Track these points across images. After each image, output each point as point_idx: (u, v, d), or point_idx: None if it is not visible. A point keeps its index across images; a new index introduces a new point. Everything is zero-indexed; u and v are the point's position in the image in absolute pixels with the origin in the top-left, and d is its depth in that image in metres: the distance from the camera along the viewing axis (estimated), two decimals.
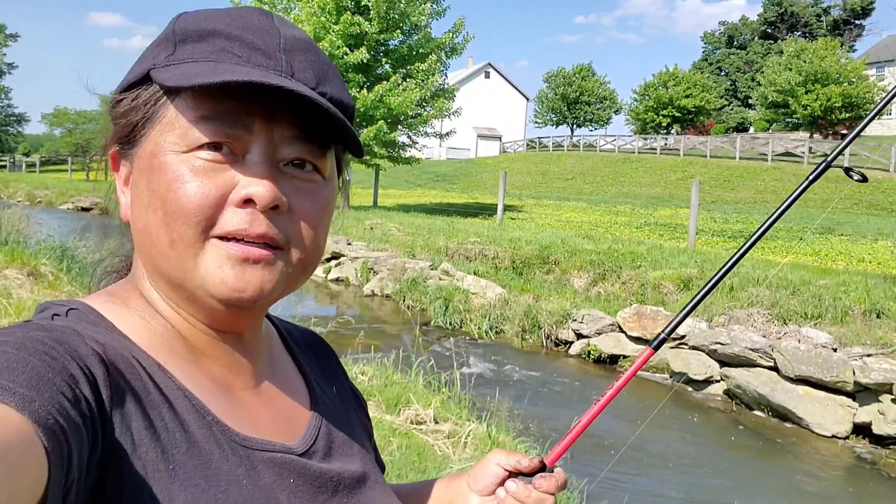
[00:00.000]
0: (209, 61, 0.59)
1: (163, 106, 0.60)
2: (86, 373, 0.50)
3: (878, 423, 5.73)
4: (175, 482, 0.53)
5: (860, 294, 7.46)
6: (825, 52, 37.84)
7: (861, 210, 22.32)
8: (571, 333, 8.33)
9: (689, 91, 48.21)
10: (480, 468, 0.84)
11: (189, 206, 0.57)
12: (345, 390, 0.84)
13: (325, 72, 0.64)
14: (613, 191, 31.16)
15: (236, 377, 0.67)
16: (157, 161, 0.59)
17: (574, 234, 13.10)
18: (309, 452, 0.67)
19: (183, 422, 0.57)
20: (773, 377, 6.49)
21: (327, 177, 0.65)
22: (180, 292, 0.62)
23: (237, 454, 0.59)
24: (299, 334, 0.85)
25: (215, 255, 0.59)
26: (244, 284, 0.59)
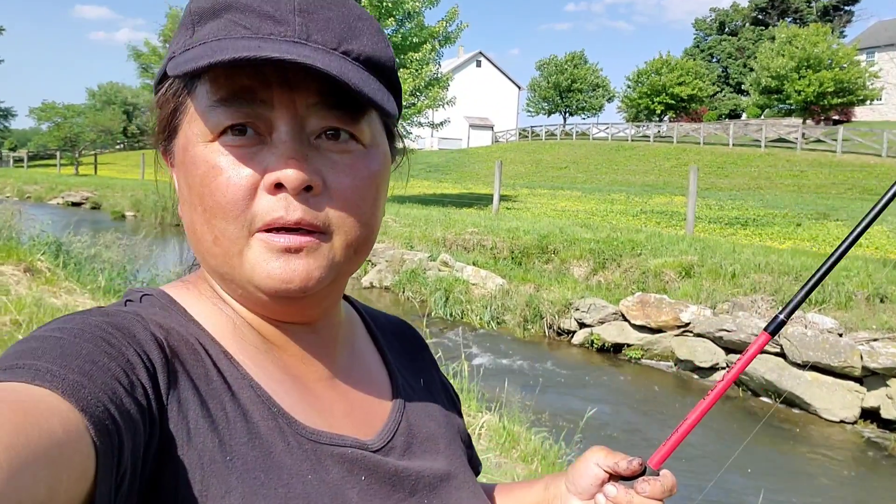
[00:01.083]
0: (218, 39, 0.55)
1: (187, 95, 0.58)
2: (143, 359, 0.49)
3: (886, 407, 5.72)
4: (232, 473, 0.51)
5: (863, 279, 7.45)
6: (817, 38, 37.86)
7: (855, 195, 22.38)
8: (574, 323, 8.29)
9: (682, 78, 48.19)
10: (579, 468, 0.76)
11: (224, 202, 0.55)
12: (434, 383, 0.79)
13: (351, 26, 0.58)
14: (607, 179, 31.13)
15: (309, 368, 0.64)
16: (189, 155, 0.57)
17: (571, 222, 13.05)
18: (386, 448, 0.63)
19: (245, 412, 0.55)
20: (780, 363, 6.47)
21: (368, 144, 0.60)
22: (233, 287, 0.60)
23: (303, 448, 0.56)
24: (386, 322, 0.81)
25: (259, 248, 0.56)
26: (290, 275, 0.56)
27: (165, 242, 15.13)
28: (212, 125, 0.55)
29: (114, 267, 7.20)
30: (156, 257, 8.58)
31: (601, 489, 0.73)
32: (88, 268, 6.90)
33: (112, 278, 6.72)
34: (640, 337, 7.72)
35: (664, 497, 0.72)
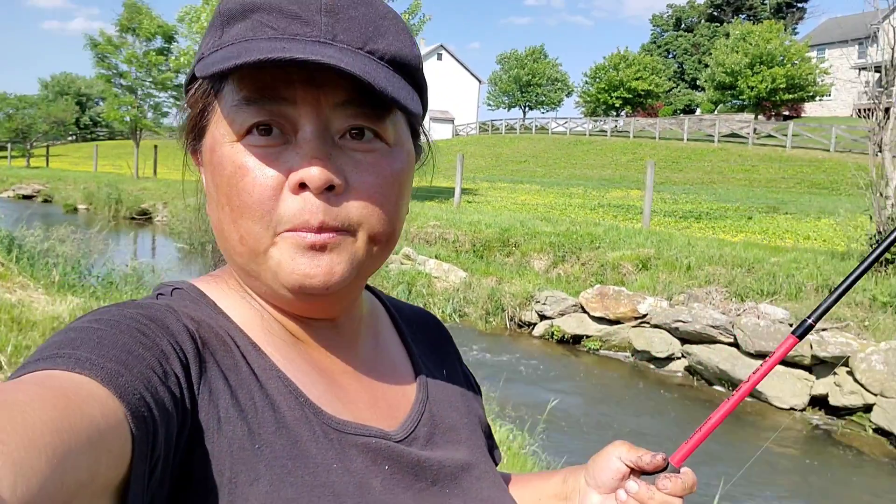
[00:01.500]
0: (245, 41, 0.55)
1: (215, 96, 0.59)
2: (176, 349, 0.51)
3: (834, 394, 5.95)
4: (261, 461, 0.52)
5: (811, 270, 7.71)
6: (770, 35, 38.80)
7: (803, 189, 23.05)
8: (535, 315, 8.40)
9: (639, 74, 48.89)
10: (600, 462, 0.76)
11: (251, 202, 0.56)
12: (457, 374, 0.80)
13: (377, 25, 0.58)
14: (566, 173, 31.45)
15: (334, 361, 0.65)
16: (216, 155, 0.58)
17: (531, 216, 13.18)
18: (409, 439, 0.64)
19: (273, 402, 0.56)
20: (734, 353, 6.67)
21: (392, 143, 0.60)
22: (258, 284, 0.61)
23: (329, 437, 0.57)
24: (411, 313, 0.82)
25: (285, 246, 0.57)
26: (314, 271, 0.57)
27: (120, 236, 14.79)
28: (237, 124, 0.56)
29: (68, 261, 7.02)
30: (111, 251, 8.38)
31: (622, 484, 0.73)
32: (42, 262, 6.71)
33: (66, 273, 6.56)
34: (599, 328, 7.87)
35: (684, 495, 0.71)
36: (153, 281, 7.00)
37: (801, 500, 4.86)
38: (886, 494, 4.86)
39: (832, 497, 4.90)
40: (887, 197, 7.65)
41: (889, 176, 7.70)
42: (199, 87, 0.60)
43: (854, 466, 5.26)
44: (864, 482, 5.06)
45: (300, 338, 0.64)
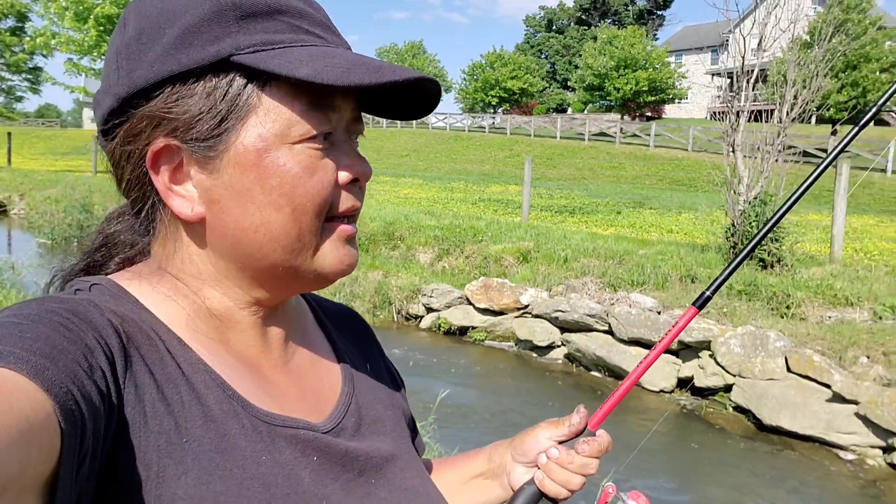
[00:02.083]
0: (305, 45, 0.58)
1: (255, 94, 0.57)
2: (101, 344, 0.50)
3: (698, 376, 6.45)
4: (188, 455, 0.52)
5: (676, 262, 8.30)
6: (634, 40, 41.23)
7: (665, 186, 24.72)
8: (422, 308, 8.49)
9: (514, 73, 50.40)
10: (528, 441, 0.83)
11: (319, 199, 0.59)
12: (380, 368, 0.82)
13: None
14: (447, 168, 31.91)
15: (265, 354, 0.66)
16: (270, 157, 0.58)
17: (415, 210, 13.28)
18: (335, 430, 0.65)
19: (200, 396, 0.56)
20: (609, 340, 7.07)
21: None
22: (268, 274, 0.62)
23: (257, 430, 0.58)
24: (334, 308, 0.83)
25: (334, 238, 0.62)
26: (353, 259, 0.64)
27: None
28: (300, 131, 0.58)
29: None
30: None
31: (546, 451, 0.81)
32: None
33: None
34: (484, 319, 8.08)
35: (600, 454, 0.81)
36: (14, 279, 6.43)
37: (670, 475, 5.25)
38: (743, 465, 5.35)
39: (697, 471, 5.34)
40: (739, 193, 8.36)
41: (741, 174, 8.42)
42: (231, 82, 0.56)
43: (717, 442, 5.74)
44: (725, 456, 5.54)
45: (232, 331, 0.64)
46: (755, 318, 6.67)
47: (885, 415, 5.12)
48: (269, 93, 0.57)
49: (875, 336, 5.96)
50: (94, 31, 15.98)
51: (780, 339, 6.07)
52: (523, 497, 0.80)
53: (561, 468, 0.79)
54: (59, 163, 26.98)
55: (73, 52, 17.07)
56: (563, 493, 0.80)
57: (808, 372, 5.70)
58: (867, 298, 6.78)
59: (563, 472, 0.79)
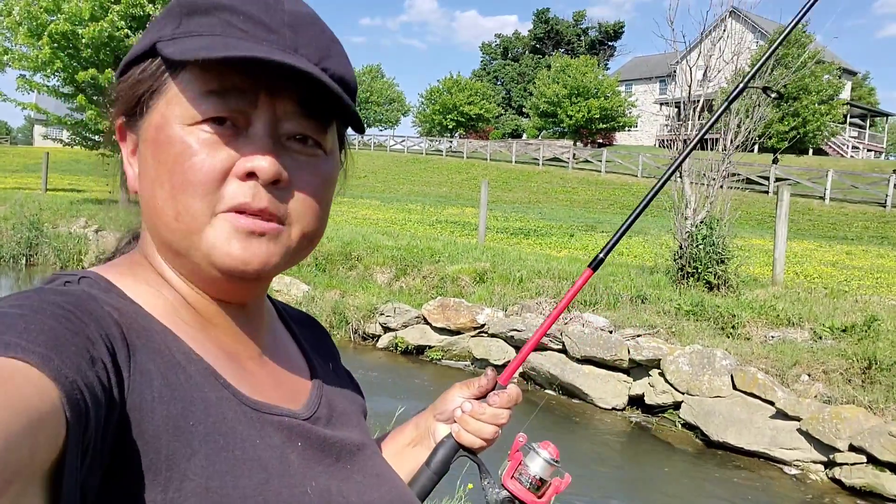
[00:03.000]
0: (214, 35, 0.60)
1: (168, 79, 0.61)
2: (102, 335, 0.51)
3: (649, 394, 6.61)
4: (195, 437, 0.54)
5: (627, 283, 8.51)
6: (586, 69, 42.28)
7: (616, 210, 25.29)
8: (379, 327, 8.50)
9: (471, 98, 51.06)
10: (446, 401, 0.91)
11: (195, 180, 0.59)
12: (340, 369, 0.86)
13: (328, 47, 0.64)
14: (405, 189, 32.02)
15: (241, 347, 0.68)
16: (164, 134, 0.60)
17: (373, 230, 13.30)
18: (313, 418, 0.69)
19: (197, 383, 0.58)
20: (563, 358, 7.19)
21: (329, 151, 0.66)
22: (185, 263, 0.63)
23: (248, 416, 0.60)
24: (296, 314, 0.87)
25: (222, 228, 0.60)
26: (249, 257, 0.60)
27: None
28: (196, 113, 0.59)
29: None
30: None
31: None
32: None
33: None
34: (441, 339, 8.13)
35: (511, 405, 0.88)
36: None
37: (620, 490, 5.36)
38: (691, 480, 5.50)
39: (648, 485, 5.46)
40: (687, 218, 8.65)
41: (688, 199, 8.73)
42: (150, 66, 0.62)
43: (666, 457, 5.89)
44: (674, 471, 5.68)
45: (212, 321, 0.66)
46: (702, 338, 6.89)
47: (825, 430, 5.34)
48: (178, 77, 0.60)
49: (815, 355, 6.22)
50: (48, 47, 15.58)
51: (726, 357, 6.28)
52: (442, 450, 0.86)
53: (474, 419, 0.87)
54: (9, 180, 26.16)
55: (25, 68, 16.61)
56: (477, 442, 0.87)
57: (753, 389, 5.91)
58: (808, 319, 7.07)
59: (475, 422, 0.86)
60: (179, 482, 0.52)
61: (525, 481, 0.84)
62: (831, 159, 34.01)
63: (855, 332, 6.56)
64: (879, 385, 5.67)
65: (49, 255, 13.00)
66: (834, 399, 5.66)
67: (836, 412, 5.38)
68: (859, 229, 20.44)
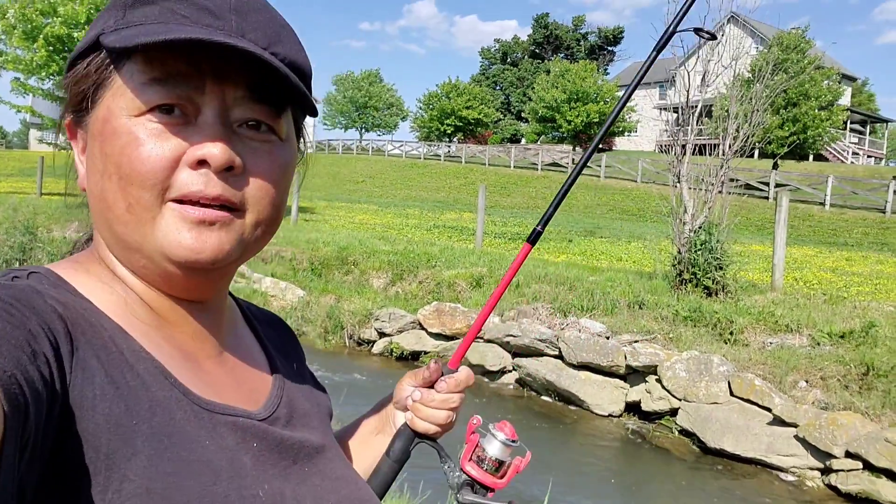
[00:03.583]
0: (157, 23, 0.58)
1: (112, 71, 0.60)
2: (45, 329, 0.50)
3: (645, 400, 6.56)
4: (138, 437, 0.52)
5: (625, 288, 8.47)
6: (585, 74, 42.32)
7: (616, 215, 25.28)
8: (374, 332, 8.45)
9: (469, 103, 51.11)
10: (399, 391, 0.91)
11: (144, 169, 0.57)
12: (304, 370, 0.85)
13: (277, 32, 0.63)
14: (402, 194, 32.02)
15: (199, 345, 0.66)
16: (110, 126, 0.59)
17: (369, 235, 13.27)
18: (271, 418, 0.67)
19: (145, 382, 0.56)
20: (559, 364, 7.15)
21: (284, 138, 0.65)
22: (138, 258, 0.62)
23: (199, 417, 0.59)
24: (260, 313, 0.86)
25: (172, 218, 0.59)
26: (201, 246, 0.59)
27: None
28: (142, 101, 0.58)
29: None
30: None
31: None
32: None
33: None
34: (437, 344, 8.08)
35: (460, 388, 0.88)
36: None
37: (619, 498, 5.31)
38: (688, 488, 5.45)
39: (645, 493, 5.41)
40: (685, 223, 8.61)
41: (686, 204, 8.69)
42: (94, 60, 0.61)
43: (663, 465, 5.84)
44: (670, 479, 5.63)
45: (168, 320, 0.65)
46: (700, 344, 6.84)
47: (822, 437, 5.29)
48: (122, 69, 0.59)
49: (813, 361, 6.17)
50: (44, 50, 15.56)
51: (724, 363, 6.24)
52: (399, 439, 0.88)
53: (425, 406, 0.87)
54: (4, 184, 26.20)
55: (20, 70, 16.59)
56: (431, 428, 0.87)
57: (750, 396, 5.86)
58: (806, 325, 7.03)
59: (426, 409, 0.86)
60: (119, 483, 0.50)
61: (484, 464, 0.85)
62: (831, 165, 34.03)
63: (853, 339, 6.52)
64: (876, 391, 5.63)
65: (43, 260, 12.95)
66: (831, 405, 5.61)
67: (832, 418, 5.33)
68: (859, 235, 20.41)
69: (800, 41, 32.99)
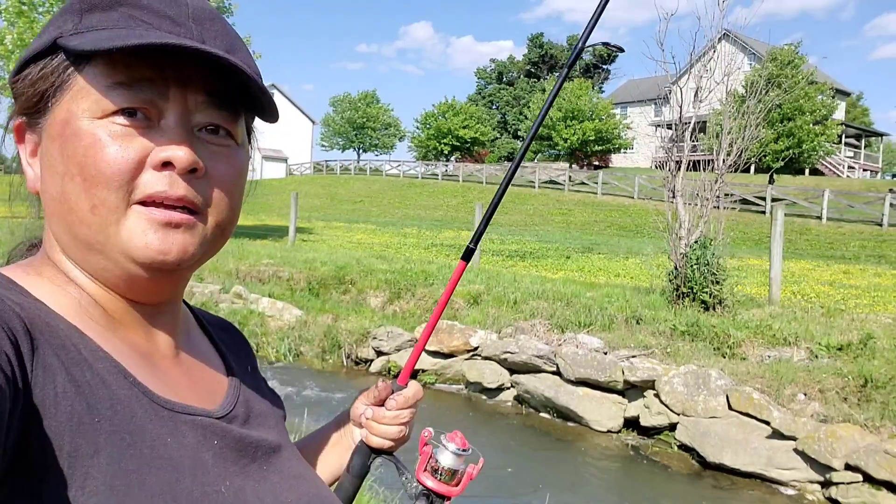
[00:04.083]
0: (119, 28, 0.60)
1: (73, 74, 0.61)
2: (4, 328, 0.50)
3: (644, 416, 6.53)
4: (100, 434, 0.53)
5: (622, 304, 8.46)
6: (580, 92, 42.60)
7: (613, 232, 25.30)
8: (371, 351, 8.43)
9: (466, 122, 51.42)
10: (354, 409, 0.95)
11: (109, 171, 0.58)
12: (257, 372, 0.86)
13: (233, 42, 0.66)
14: (400, 214, 32.07)
15: (155, 347, 0.67)
16: (71, 128, 0.60)
17: (367, 254, 13.27)
18: (229, 416, 0.68)
19: (104, 381, 0.57)
20: (557, 381, 7.12)
21: (240, 142, 0.68)
22: (99, 259, 0.62)
23: (160, 415, 0.59)
24: (213, 318, 0.87)
25: (138, 220, 0.60)
26: (168, 247, 0.60)
27: None
28: (105, 106, 0.59)
29: None
30: None
31: None
32: None
33: None
34: (434, 362, 8.06)
35: (410, 404, 0.91)
36: None
37: None
38: (689, 502, 5.41)
39: None
40: (681, 238, 8.63)
41: (682, 219, 8.72)
42: (51, 63, 0.61)
43: (663, 480, 5.80)
44: (670, 495, 5.59)
45: (122, 322, 0.65)
46: (697, 358, 6.83)
47: (821, 450, 5.26)
48: (84, 72, 0.60)
49: (812, 374, 6.16)
50: None
51: (722, 377, 6.22)
52: (357, 455, 0.91)
53: (377, 424, 0.90)
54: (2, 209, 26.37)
55: None
56: (385, 443, 0.90)
57: (749, 409, 5.84)
58: (804, 338, 7.02)
59: (378, 426, 0.90)
60: (82, 479, 0.51)
61: (438, 474, 0.88)
62: (827, 179, 34.17)
63: (851, 351, 6.51)
64: (875, 403, 5.61)
65: None
66: (830, 418, 5.59)
67: (831, 431, 5.31)
68: (856, 248, 20.43)
69: (793, 57, 33.26)
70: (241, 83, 0.63)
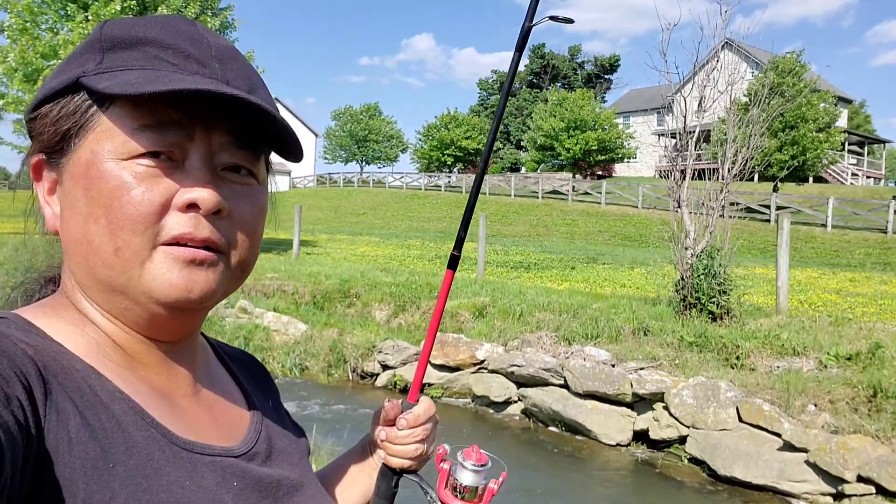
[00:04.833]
0: (145, 69, 0.59)
1: (96, 114, 0.60)
2: (17, 373, 0.50)
3: (653, 429, 6.47)
4: (115, 480, 0.52)
5: (629, 315, 8.42)
6: (583, 102, 42.70)
7: (617, 242, 25.25)
8: (377, 365, 8.39)
9: (468, 133, 51.56)
10: (372, 431, 0.94)
11: (136, 214, 0.58)
12: (280, 408, 0.85)
13: (254, 80, 0.66)
14: (404, 225, 32.09)
15: (174, 384, 0.67)
16: (96, 169, 0.59)
17: (371, 267, 13.25)
18: (250, 454, 0.68)
19: (121, 423, 0.56)
20: (565, 394, 7.07)
21: (261, 181, 0.68)
22: (120, 300, 0.62)
23: (178, 457, 0.59)
24: (233, 351, 0.86)
25: (163, 259, 0.59)
26: (192, 285, 0.60)
27: None
28: (130, 148, 0.59)
29: None
30: None
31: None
32: None
33: None
34: (441, 376, 8.02)
35: (422, 421, 0.89)
36: None
37: None
38: None
39: None
40: (687, 247, 8.60)
41: (687, 229, 8.69)
42: (75, 101, 0.61)
43: (674, 495, 5.73)
44: None
45: (141, 361, 0.64)
46: (706, 369, 6.78)
47: (833, 462, 5.20)
48: (109, 112, 0.60)
49: (821, 384, 6.10)
50: None
51: (731, 389, 6.17)
52: (381, 478, 0.90)
53: (391, 444, 0.88)
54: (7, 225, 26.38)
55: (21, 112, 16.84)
56: (405, 462, 0.88)
57: (759, 421, 5.78)
58: (812, 348, 6.96)
59: (393, 447, 0.88)
60: None
61: (458, 492, 0.86)
62: (831, 187, 34.10)
63: (860, 360, 6.46)
64: (885, 413, 5.55)
65: None
66: (841, 429, 5.53)
67: (843, 442, 5.25)
68: (862, 256, 20.35)
69: (795, 65, 33.30)
70: (263, 122, 0.63)
